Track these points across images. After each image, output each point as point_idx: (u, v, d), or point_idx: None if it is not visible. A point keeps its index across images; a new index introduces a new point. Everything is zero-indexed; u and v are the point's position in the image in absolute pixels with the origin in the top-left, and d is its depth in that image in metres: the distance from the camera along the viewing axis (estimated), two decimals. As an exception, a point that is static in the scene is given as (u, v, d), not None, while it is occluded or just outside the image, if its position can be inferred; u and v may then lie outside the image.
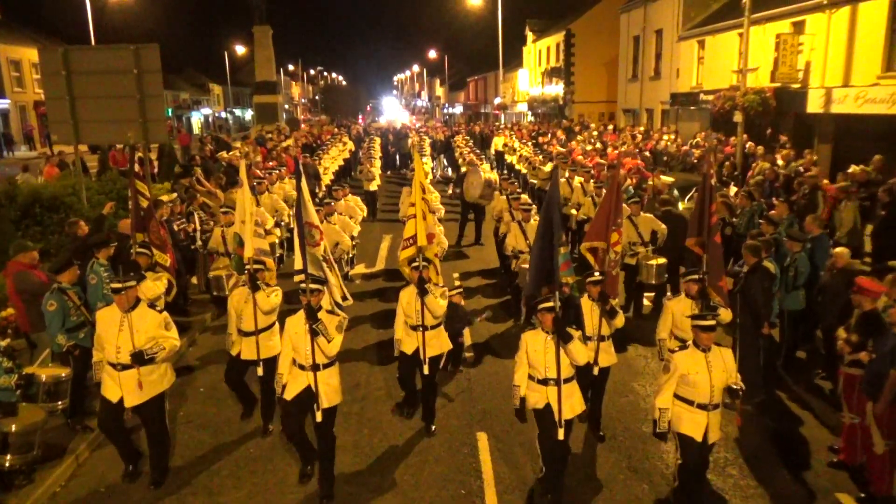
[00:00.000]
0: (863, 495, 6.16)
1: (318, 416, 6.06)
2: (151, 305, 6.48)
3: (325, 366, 6.10)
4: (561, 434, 5.71)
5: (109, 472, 6.69)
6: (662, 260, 10.36)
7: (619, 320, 6.88)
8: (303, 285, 6.13)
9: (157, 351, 6.14)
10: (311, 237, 6.29)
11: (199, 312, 11.01)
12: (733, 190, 14.50)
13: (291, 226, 11.98)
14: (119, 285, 6.12)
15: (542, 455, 6.03)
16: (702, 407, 5.59)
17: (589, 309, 6.83)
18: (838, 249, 8.32)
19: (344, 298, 6.79)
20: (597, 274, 6.91)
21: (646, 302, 11.07)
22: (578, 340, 5.79)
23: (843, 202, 11.15)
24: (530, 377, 5.92)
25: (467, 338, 8.82)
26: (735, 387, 5.59)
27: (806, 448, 7.05)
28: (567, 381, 5.81)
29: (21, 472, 6.25)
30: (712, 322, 5.64)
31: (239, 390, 7.64)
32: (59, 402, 6.82)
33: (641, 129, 25.71)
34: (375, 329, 10.50)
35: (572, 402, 5.85)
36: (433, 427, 7.45)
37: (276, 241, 12.46)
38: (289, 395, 6.18)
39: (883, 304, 6.54)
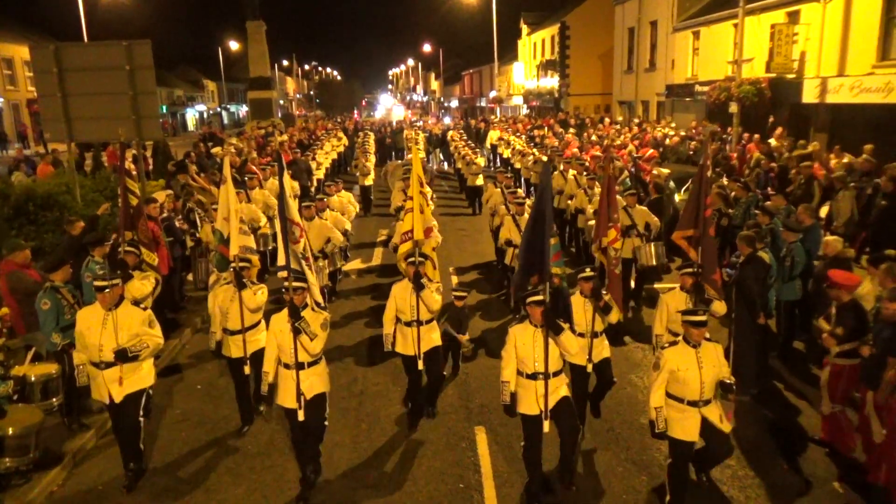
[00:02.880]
0: (841, 481, 6.22)
1: (301, 416, 5.94)
2: (136, 303, 6.44)
3: (310, 364, 6.02)
4: (547, 427, 5.71)
5: (107, 470, 6.66)
6: (659, 242, 10.38)
7: (614, 316, 6.84)
8: (286, 283, 6.08)
9: (140, 349, 6.11)
10: (292, 234, 6.24)
11: (195, 309, 10.98)
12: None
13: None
14: (104, 283, 6.08)
15: (525, 460, 6.03)
16: (692, 404, 5.56)
17: (581, 305, 6.73)
18: (828, 238, 8.31)
19: (318, 304, 6.54)
20: (588, 270, 6.82)
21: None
22: (569, 331, 5.76)
23: (841, 192, 11.06)
24: (519, 372, 5.83)
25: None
26: (728, 381, 5.58)
27: (803, 438, 7.05)
28: (556, 374, 5.80)
29: (18, 472, 6.22)
30: (703, 317, 5.57)
31: (243, 404, 7.44)
32: (54, 399, 6.84)
33: (656, 129, 25.49)
34: (371, 324, 10.47)
35: (558, 396, 5.81)
36: (434, 409, 7.54)
37: (269, 233, 12.39)
38: (281, 399, 6.09)
39: (876, 295, 6.54)
